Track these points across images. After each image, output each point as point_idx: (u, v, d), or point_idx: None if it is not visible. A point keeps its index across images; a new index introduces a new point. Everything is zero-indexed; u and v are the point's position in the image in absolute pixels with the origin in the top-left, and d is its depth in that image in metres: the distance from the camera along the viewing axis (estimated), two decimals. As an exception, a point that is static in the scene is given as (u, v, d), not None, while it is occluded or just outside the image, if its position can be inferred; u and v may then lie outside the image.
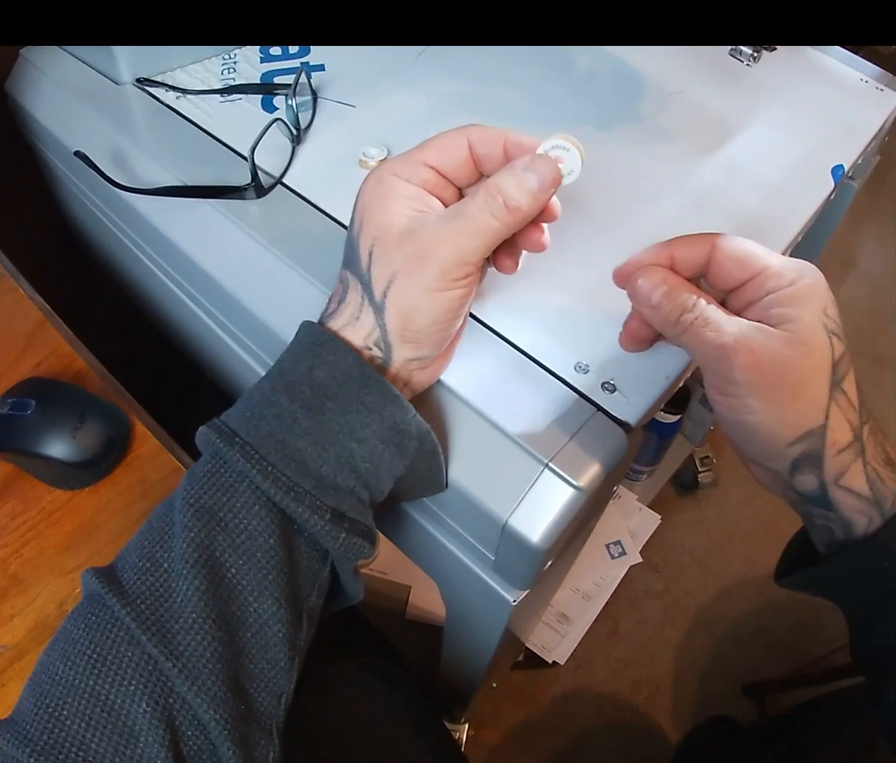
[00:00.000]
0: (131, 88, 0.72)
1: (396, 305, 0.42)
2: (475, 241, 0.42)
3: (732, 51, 0.78)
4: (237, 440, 0.40)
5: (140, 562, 0.40)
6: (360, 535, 0.42)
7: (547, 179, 0.43)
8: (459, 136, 0.44)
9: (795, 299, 0.41)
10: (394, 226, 0.42)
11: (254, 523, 0.40)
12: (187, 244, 0.62)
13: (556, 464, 0.46)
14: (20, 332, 0.70)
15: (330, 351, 0.42)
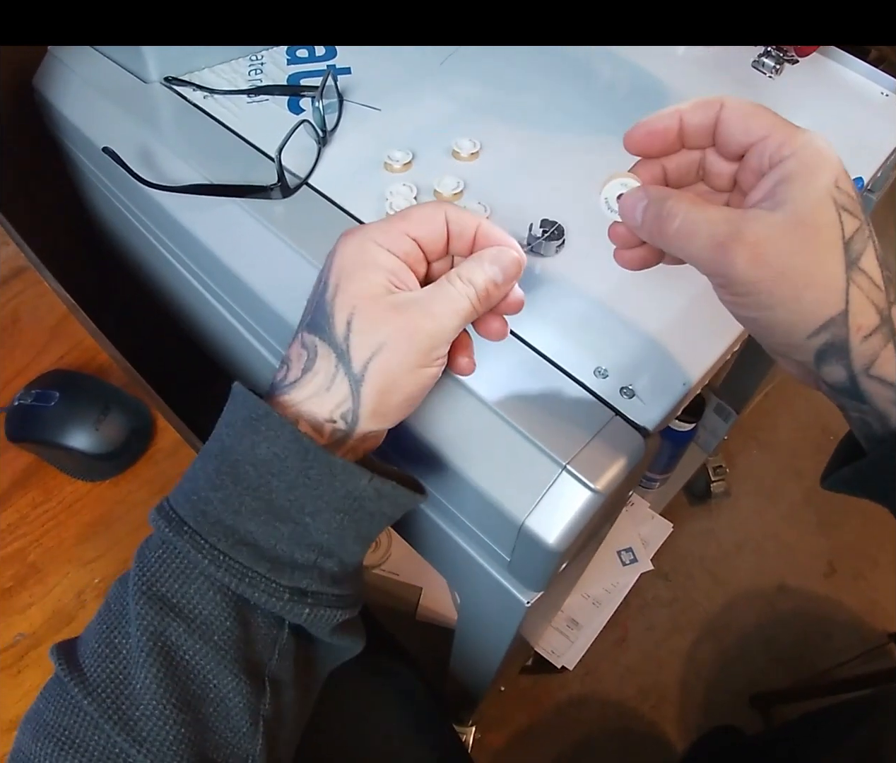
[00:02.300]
0: (159, 87, 0.72)
1: (378, 379, 0.40)
2: (454, 321, 0.42)
3: (755, 62, 0.79)
4: (185, 529, 0.39)
5: (99, 647, 0.39)
6: (329, 606, 0.41)
7: (510, 273, 0.43)
8: (438, 211, 0.43)
9: (799, 173, 0.37)
10: (376, 297, 0.41)
11: (208, 608, 0.39)
12: (212, 242, 0.63)
13: (574, 466, 0.46)
14: (44, 325, 0.71)
15: (268, 426, 0.39)
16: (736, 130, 0.40)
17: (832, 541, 1.46)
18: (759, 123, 0.39)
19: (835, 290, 0.37)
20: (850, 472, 0.44)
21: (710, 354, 0.54)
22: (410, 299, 0.41)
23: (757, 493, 1.52)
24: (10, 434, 0.62)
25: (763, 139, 0.38)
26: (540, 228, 0.58)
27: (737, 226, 0.37)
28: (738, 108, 0.40)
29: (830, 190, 0.36)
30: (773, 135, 0.38)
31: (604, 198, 0.43)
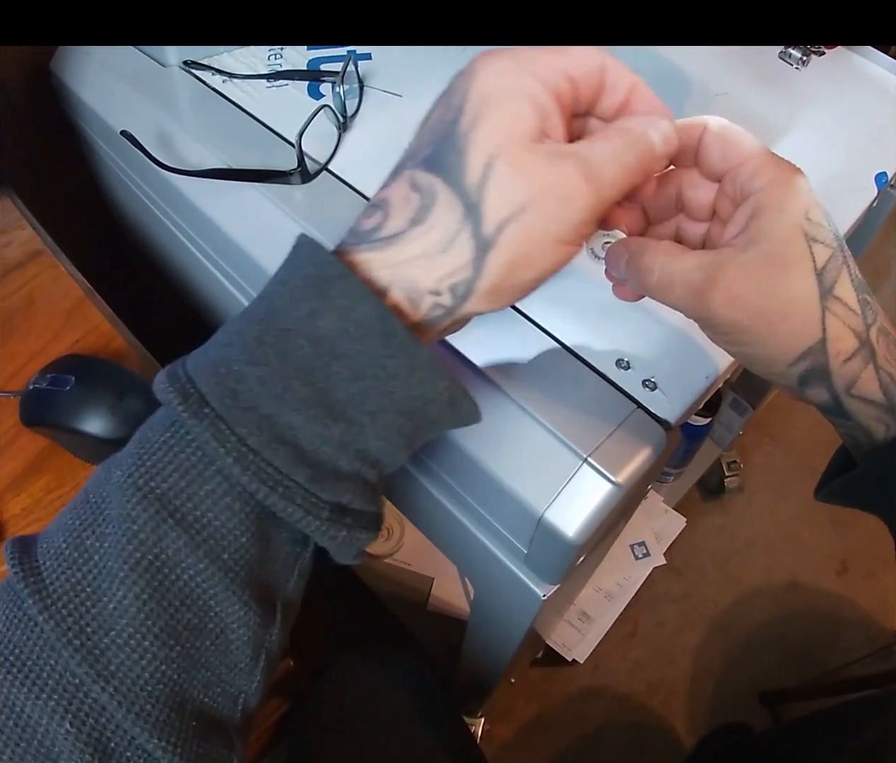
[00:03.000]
0: (178, 71, 0.72)
1: (513, 247, 0.32)
2: (615, 192, 0.35)
3: (782, 54, 0.78)
4: (207, 411, 0.31)
5: (67, 548, 0.32)
6: (364, 528, 0.35)
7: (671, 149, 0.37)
8: (597, 55, 0.35)
9: (769, 207, 0.37)
10: (527, 140, 0.32)
11: (222, 518, 0.32)
12: (231, 227, 0.62)
13: (595, 459, 0.46)
14: (60, 309, 0.71)
15: (342, 292, 0.31)
16: (714, 155, 0.40)
17: (844, 539, 1.45)
18: (735, 151, 0.39)
19: (811, 321, 0.37)
20: (839, 484, 0.46)
21: (732, 348, 0.53)
22: (568, 152, 0.33)
23: (770, 489, 1.52)
24: (25, 418, 0.62)
25: (737, 166, 0.39)
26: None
27: (711, 271, 0.37)
28: (717, 133, 0.39)
29: (800, 222, 0.37)
30: (747, 163, 0.38)
31: (589, 248, 0.44)
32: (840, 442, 0.48)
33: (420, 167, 0.33)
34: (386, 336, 0.31)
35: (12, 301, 0.71)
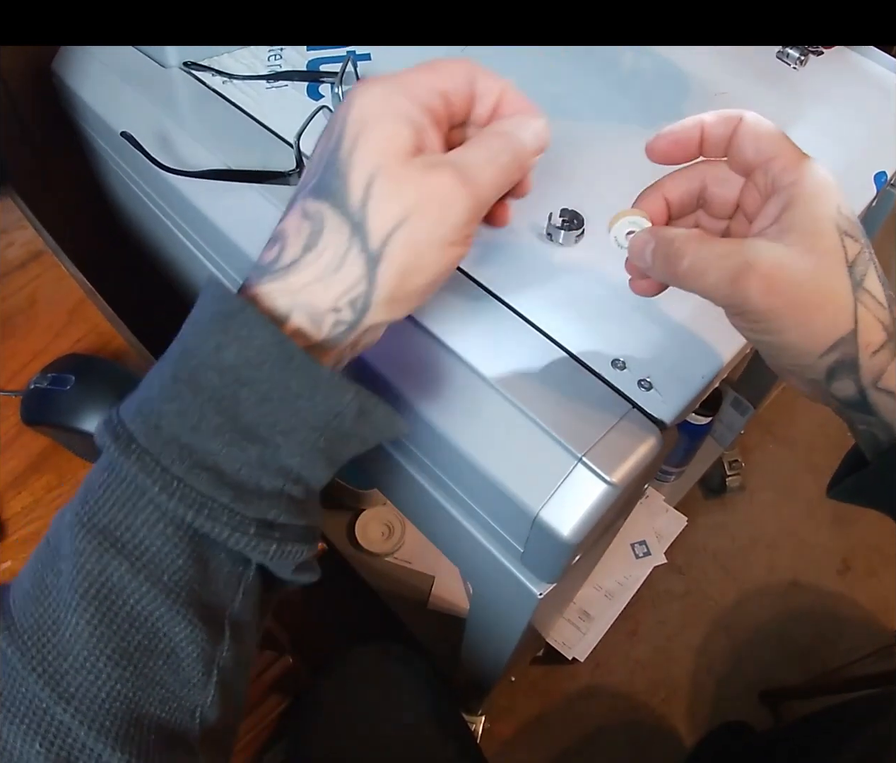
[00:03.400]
0: (178, 72, 0.72)
1: (400, 257, 0.34)
2: (495, 187, 0.37)
3: (780, 53, 0.78)
4: (134, 447, 0.33)
5: (31, 588, 0.34)
6: (295, 541, 0.36)
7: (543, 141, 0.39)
8: (466, 66, 0.38)
9: (803, 199, 0.38)
10: (403, 155, 0.34)
11: (158, 543, 0.33)
12: (230, 227, 0.62)
13: (590, 458, 0.46)
14: (61, 309, 0.71)
15: (241, 324, 0.33)
16: (747, 148, 0.41)
17: (847, 538, 1.45)
18: (769, 144, 0.40)
19: (844, 312, 0.38)
20: (853, 481, 0.46)
21: (729, 348, 0.54)
22: (443, 161, 0.35)
23: (772, 488, 1.52)
24: (26, 417, 0.62)
25: (770, 160, 0.40)
26: (559, 218, 0.57)
27: (747, 257, 0.37)
28: (752, 126, 0.41)
29: (833, 216, 0.38)
30: (780, 157, 0.39)
31: (613, 236, 0.44)
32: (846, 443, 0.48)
33: (309, 196, 0.36)
34: (285, 359, 0.33)
35: (14, 301, 0.71)
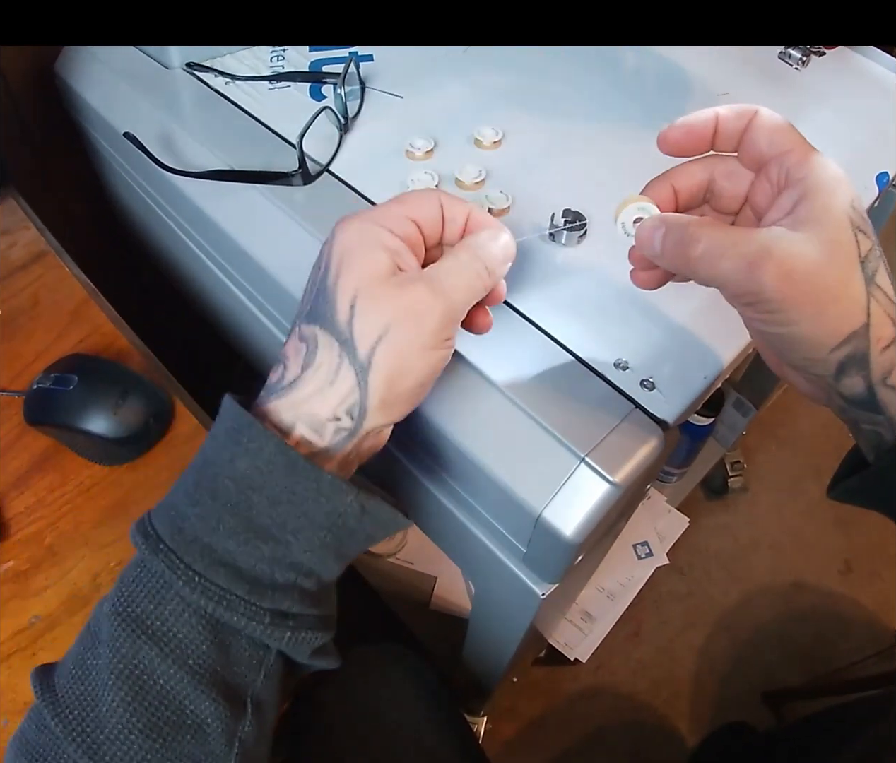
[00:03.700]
0: (180, 73, 0.73)
1: (386, 364, 0.39)
2: (466, 295, 0.41)
3: (781, 54, 0.78)
4: (161, 547, 0.38)
5: (74, 668, 0.39)
6: (309, 628, 0.40)
7: (510, 253, 0.43)
8: (432, 194, 0.43)
9: (819, 192, 0.38)
10: (380, 277, 0.39)
11: (184, 631, 0.38)
12: (233, 227, 0.63)
13: (593, 458, 0.46)
14: (64, 309, 0.71)
15: (251, 438, 0.38)
16: (762, 141, 0.41)
17: (849, 539, 1.45)
18: (784, 138, 0.40)
19: (857, 305, 0.38)
20: (856, 481, 0.46)
21: (731, 348, 0.54)
22: (417, 277, 0.40)
23: (775, 489, 1.52)
24: (29, 417, 0.62)
25: (785, 154, 0.40)
26: (562, 218, 0.57)
27: (764, 245, 0.37)
28: (768, 120, 0.41)
29: (847, 210, 0.38)
30: (795, 151, 0.40)
31: (620, 222, 0.44)
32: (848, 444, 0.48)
33: (304, 322, 0.41)
34: (289, 466, 0.38)
35: (17, 301, 0.71)
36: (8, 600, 0.55)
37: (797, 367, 0.43)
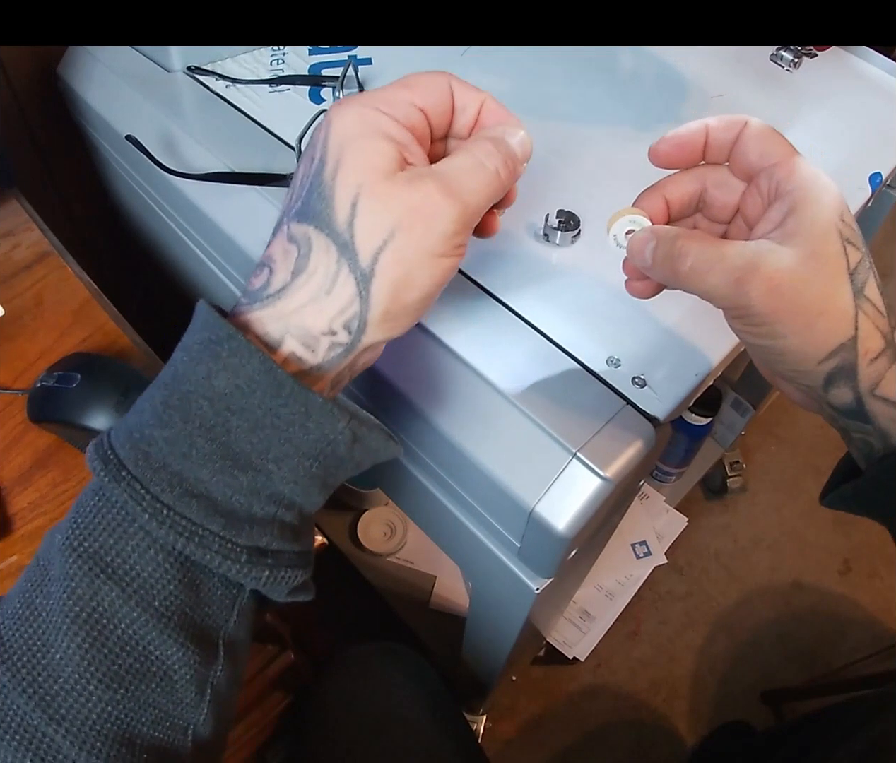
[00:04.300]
0: (182, 76, 0.73)
1: (391, 271, 0.34)
2: (482, 197, 0.37)
3: (773, 56, 0.79)
4: (124, 474, 0.33)
5: (20, 608, 0.34)
6: (288, 566, 0.36)
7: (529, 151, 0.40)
8: (443, 79, 0.39)
9: (807, 205, 0.37)
10: (386, 171, 0.34)
11: (148, 569, 0.33)
12: (233, 229, 0.63)
13: (585, 454, 0.46)
14: (67, 309, 0.72)
15: (231, 352, 0.33)
16: (752, 152, 0.41)
17: (848, 539, 1.45)
18: (773, 149, 0.40)
19: (845, 318, 0.38)
20: (849, 489, 0.46)
21: (723, 346, 0.54)
22: (426, 173, 0.35)
23: (774, 488, 1.52)
24: (32, 415, 0.63)
25: (775, 165, 0.40)
26: (556, 218, 0.58)
27: (751, 259, 0.37)
28: (758, 131, 0.41)
29: (836, 222, 0.38)
30: (784, 163, 0.39)
31: (612, 234, 0.44)
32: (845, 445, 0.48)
33: (294, 220, 0.36)
34: (275, 387, 0.33)
35: (21, 301, 0.72)
36: (11, 594, 0.56)
37: (787, 377, 0.43)
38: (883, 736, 0.75)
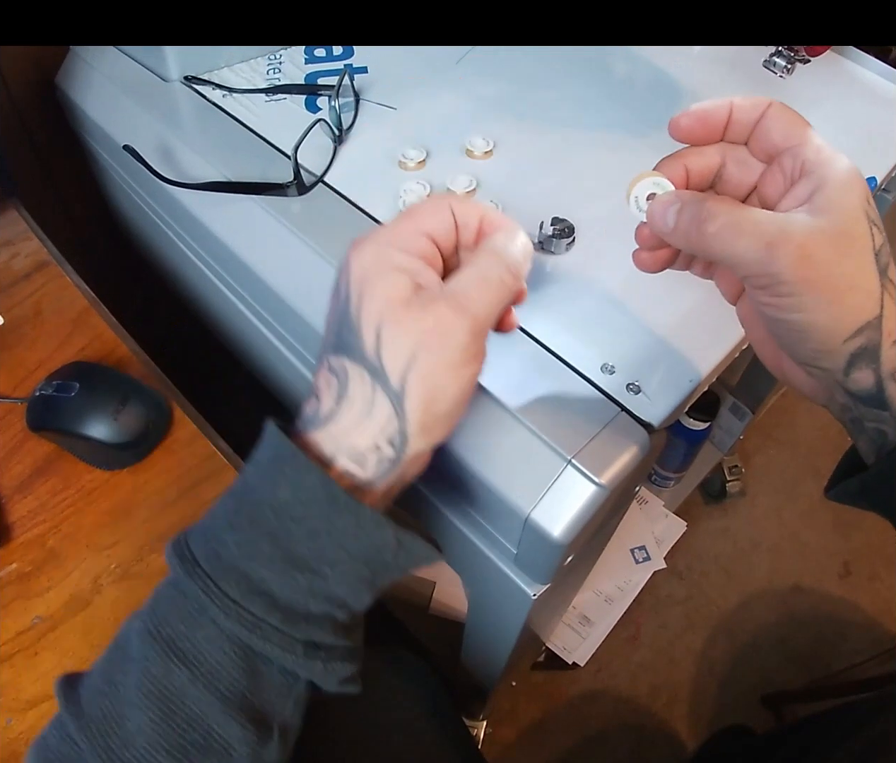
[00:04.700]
0: (179, 86, 0.74)
1: (419, 388, 0.38)
2: (491, 306, 0.40)
3: (766, 62, 0.79)
4: (198, 571, 0.38)
5: (100, 683, 0.39)
6: (340, 659, 0.40)
7: (530, 251, 0.42)
8: (443, 202, 0.42)
9: (836, 183, 0.38)
10: (403, 300, 0.38)
11: (217, 656, 0.37)
12: (229, 238, 0.64)
13: (579, 460, 0.47)
14: (66, 318, 0.72)
15: (294, 468, 0.38)
16: (776, 132, 0.41)
17: (848, 541, 1.45)
18: (798, 131, 0.40)
19: (872, 297, 0.38)
20: (856, 483, 0.45)
21: (718, 351, 0.54)
22: (437, 295, 0.39)
23: (773, 492, 1.52)
24: (31, 423, 0.63)
25: (800, 145, 0.40)
26: (551, 226, 0.58)
27: (783, 227, 0.37)
28: (782, 112, 0.41)
29: (863, 203, 0.38)
30: (810, 143, 0.39)
31: (633, 197, 0.43)
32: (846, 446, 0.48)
33: (331, 353, 0.40)
34: (331, 499, 0.38)
35: (20, 310, 0.72)
36: (11, 601, 0.57)
37: (805, 361, 0.42)
38: (883, 736, 0.75)
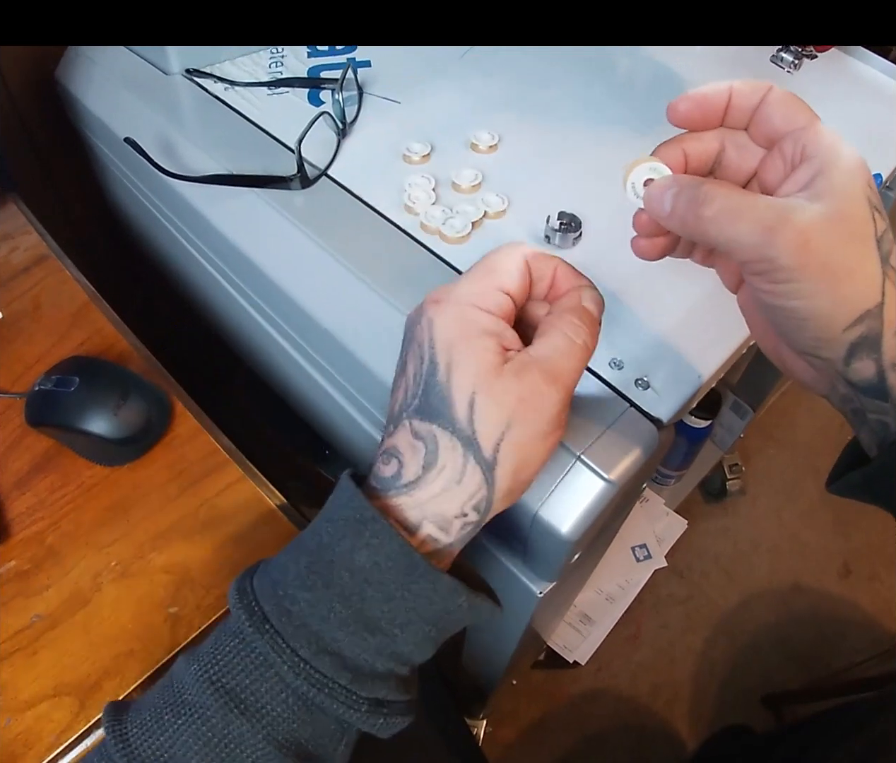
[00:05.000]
0: (180, 79, 0.73)
1: (511, 459, 0.38)
2: (577, 376, 0.40)
3: (774, 58, 0.79)
4: (267, 627, 0.38)
5: (150, 720, 0.38)
6: (399, 714, 0.40)
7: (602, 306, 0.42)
8: (518, 257, 0.41)
9: (838, 169, 0.37)
10: (494, 369, 0.38)
11: (278, 710, 0.38)
12: (232, 232, 0.63)
13: (588, 456, 0.46)
14: (65, 313, 0.72)
15: (374, 533, 0.38)
16: (777, 117, 0.40)
17: (848, 541, 1.45)
18: (799, 115, 0.39)
19: (873, 284, 0.37)
20: (859, 476, 0.44)
21: (726, 347, 0.54)
22: (528, 362, 0.39)
23: (773, 491, 1.52)
24: (30, 419, 0.63)
25: (802, 129, 0.39)
26: (557, 220, 0.58)
27: (781, 212, 0.36)
28: (782, 96, 0.40)
29: (865, 188, 0.37)
30: (812, 127, 0.38)
31: (630, 183, 0.42)
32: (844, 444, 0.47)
33: (415, 417, 0.39)
34: (410, 567, 0.37)
35: (19, 304, 0.72)
36: (10, 599, 0.56)
37: (805, 350, 0.41)
38: (883, 736, 0.75)
